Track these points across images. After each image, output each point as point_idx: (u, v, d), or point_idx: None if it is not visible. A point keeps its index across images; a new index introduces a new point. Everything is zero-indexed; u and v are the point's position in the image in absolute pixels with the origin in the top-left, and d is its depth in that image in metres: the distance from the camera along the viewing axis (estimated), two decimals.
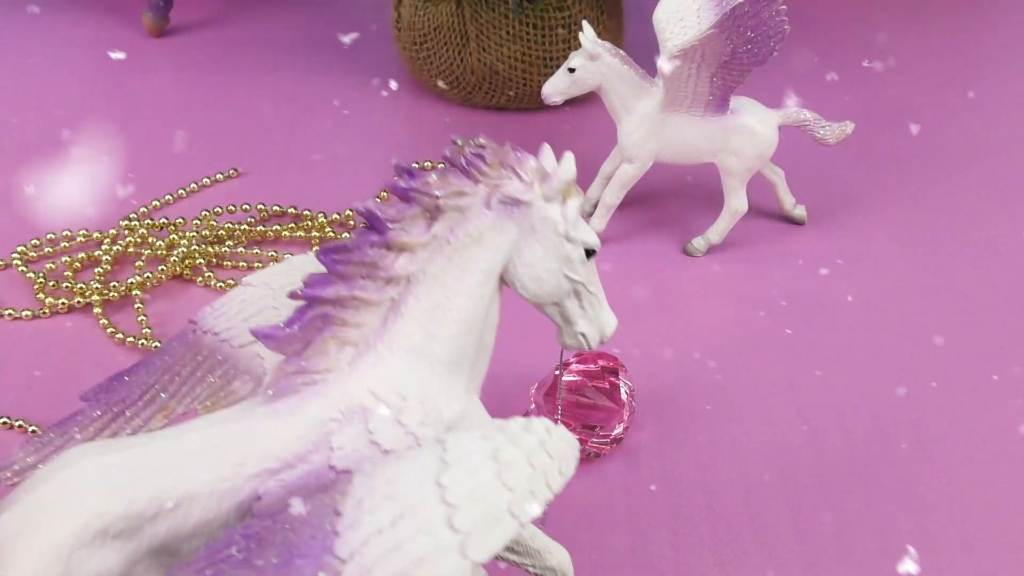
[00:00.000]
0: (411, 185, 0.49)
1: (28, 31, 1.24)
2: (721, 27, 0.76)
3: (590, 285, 0.53)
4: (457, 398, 0.50)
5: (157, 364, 0.56)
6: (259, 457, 0.46)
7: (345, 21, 1.29)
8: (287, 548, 0.39)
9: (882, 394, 0.78)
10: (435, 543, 0.38)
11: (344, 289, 0.48)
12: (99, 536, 0.42)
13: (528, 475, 0.41)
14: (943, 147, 1.06)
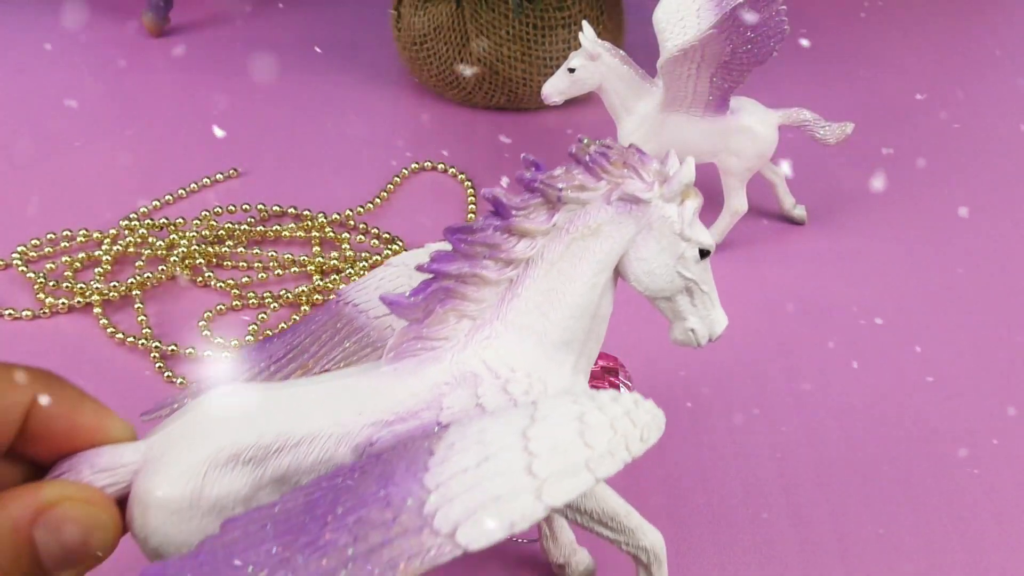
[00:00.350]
0: (536, 177, 0.52)
1: (27, 31, 1.24)
2: (721, 27, 0.76)
3: (703, 284, 0.55)
4: (563, 376, 0.53)
5: (302, 329, 0.63)
6: (376, 409, 0.50)
7: (345, 21, 1.29)
8: (384, 478, 0.43)
9: (882, 393, 0.78)
10: (512, 485, 0.41)
11: (466, 266, 0.52)
12: (231, 461, 0.48)
13: (609, 437, 0.43)
14: (943, 147, 1.06)
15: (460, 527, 0.40)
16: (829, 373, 0.79)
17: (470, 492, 0.41)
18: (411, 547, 0.40)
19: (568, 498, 0.41)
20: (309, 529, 0.42)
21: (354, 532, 0.41)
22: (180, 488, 0.47)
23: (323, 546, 0.41)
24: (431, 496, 0.41)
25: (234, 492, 0.48)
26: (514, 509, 0.41)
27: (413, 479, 0.42)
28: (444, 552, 0.40)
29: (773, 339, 0.83)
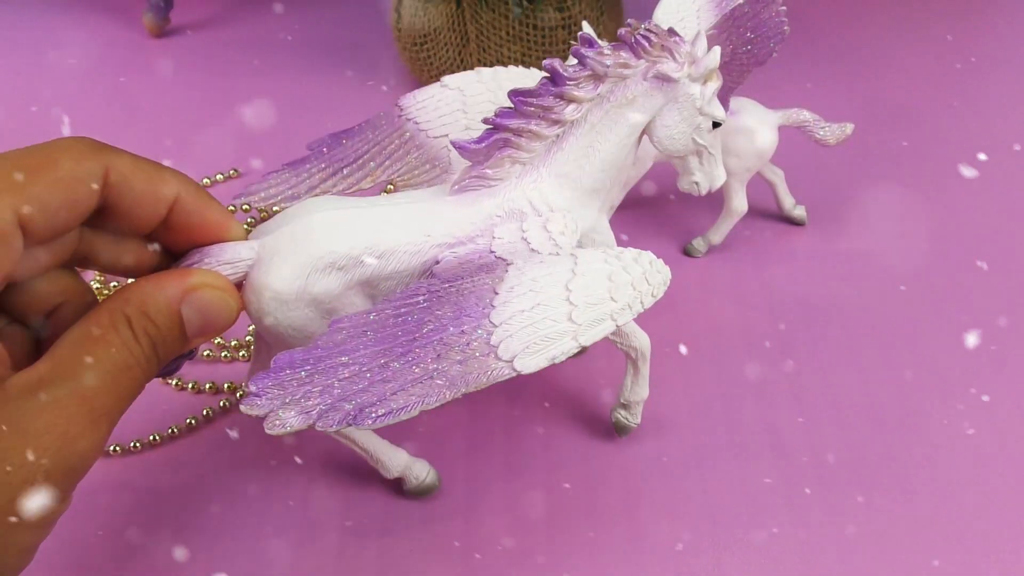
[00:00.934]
0: (588, 54, 0.61)
1: (27, 32, 1.24)
2: (720, 28, 0.75)
3: (712, 148, 0.67)
4: (591, 216, 0.66)
5: (369, 136, 0.73)
6: (441, 232, 0.62)
7: (345, 21, 1.29)
8: (458, 307, 0.55)
9: (881, 392, 0.78)
10: (558, 328, 0.54)
11: (523, 123, 0.62)
12: (328, 266, 0.60)
13: (630, 295, 0.56)
14: (944, 148, 1.06)
15: (517, 357, 0.53)
16: (828, 372, 0.79)
17: (526, 330, 0.54)
18: (480, 367, 0.53)
19: (596, 339, 0.54)
20: (401, 341, 0.54)
21: (438, 350, 0.53)
22: (289, 284, 0.59)
23: (413, 358, 0.53)
24: (496, 330, 0.54)
25: (330, 290, 0.60)
26: (557, 347, 0.54)
27: (483, 314, 0.54)
28: (504, 373, 0.53)
29: (774, 338, 0.83)
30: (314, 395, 0.52)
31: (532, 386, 0.79)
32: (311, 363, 0.53)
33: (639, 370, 0.71)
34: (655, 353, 0.81)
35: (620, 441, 0.74)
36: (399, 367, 0.53)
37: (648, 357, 0.71)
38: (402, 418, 0.51)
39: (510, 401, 0.78)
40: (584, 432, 0.75)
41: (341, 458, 0.73)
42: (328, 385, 0.52)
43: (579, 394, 0.78)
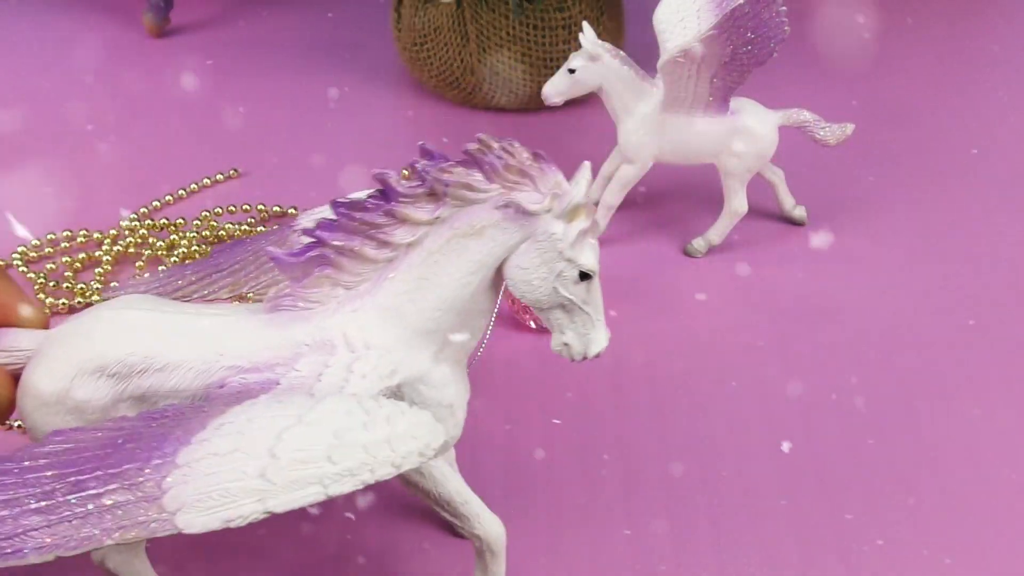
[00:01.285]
0: (426, 168, 0.53)
1: (28, 31, 1.24)
2: (721, 28, 0.76)
3: (585, 304, 0.56)
4: (420, 363, 0.55)
5: (255, 244, 0.66)
6: (235, 354, 0.54)
7: (345, 21, 1.29)
8: (161, 438, 0.47)
9: (880, 392, 0.78)
10: (243, 484, 0.45)
11: (346, 240, 0.54)
12: (97, 371, 0.53)
13: (358, 459, 0.46)
14: (944, 148, 1.06)
15: (182, 510, 0.44)
16: (828, 372, 0.79)
17: (206, 479, 0.45)
18: (140, 514, 0.44)
19: (292, 507, 0.45)
20: (86, 468, 0.46)
21: (107, 484, 0.45)
22: (50, 385, 0.53)
23: (80, 488, 0.45)
24: (175, 472, 0.45)
25: (96, 399, 0.53)
26: (236, 508, 0.44)
27: (175, 448, 0.46)
28: (163, 528, 0.44)
29: (773, 339, 0.83)
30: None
31: None
32: (4, 475, 0.46)
33: (487, 567, 0.60)
34: (654, 355, 0.81)
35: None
36: (60, 498, 0.45)
37: (501, 551, 0.59)
38: (30, 560, 0.43)
39: None
40: None
41: None
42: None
43: None
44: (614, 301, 0.86)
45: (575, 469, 0.72)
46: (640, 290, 0.87)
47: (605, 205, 0.90)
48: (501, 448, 0.74)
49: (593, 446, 0.74)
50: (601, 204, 0.90)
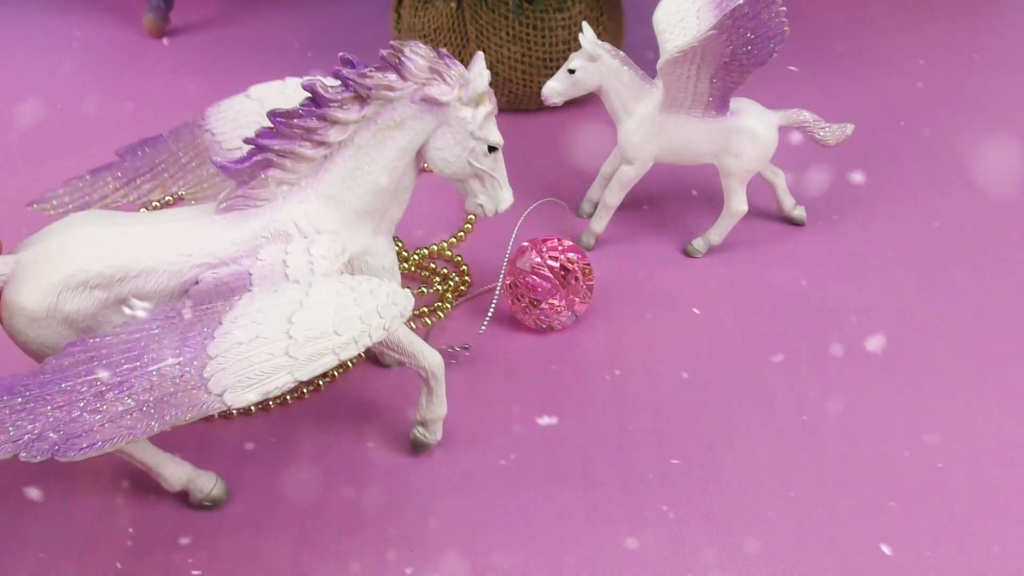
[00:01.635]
0: (349, 75, 0.62)
1: (28, 32, 1.24)
2: (721, 28, 0.76)
3: (493, 172, 0.67)
4: (362, 239, 0.66)
5: (168, 146, 0.72)
6: (203, 252, 0.62)
7: (345, 21, 1.29)
8: (183, 336, 0.55)
9: (880, 392, 0.78)
10: (274, 362, 0.54)
11: (285, 144, 0.62)
12: (81, 285, 0.59)
13: (357, 329, 0.56)
14: (943, 148, 1.06)
15: (228, 391, 0.53)
16: (829, 373, 0.79)
17: (240, 363, 0.53)
18: (190, 400, 0.52)
19: (315, 374, 0.54)
20: (122, 370, 0.53)
21: (152, 381, 0.53)
22: (39, 302, 0.59)
23: (127, 388, 0.52)
24: (211, 362, 0.53)
25: (83, 310, 0.60)
26: (272, 382, 0.53)
27: (201, 345, 0.54)
28: (214, 407, 0.52)
29: (773, 339, 0.83)
30: (25, 423, 0.51)
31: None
32: (32, 389, 0.53)
33: (432, 389, 0.69)
34: (653, 355, 0.81)
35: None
36: (113, 397, 0.52)
37: (441, 376, 0.69)
38: (106, 450, 0.51)
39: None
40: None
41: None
42: (41, 413, 0.52)
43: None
44: (615, 301, 0.86)
45: (574, 467, 0.72)
46: (640, 290, 0.87)
47: (605, 205, 0.90)
48: (500, 447, 0.74)
49: (592, 444, 0.74)
50: (601, 204, 0.90)
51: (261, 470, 0.72)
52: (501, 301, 0.83)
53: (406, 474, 0.71)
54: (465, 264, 0.89)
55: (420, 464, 0.72)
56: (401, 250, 0.91)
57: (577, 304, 0.82)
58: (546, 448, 0.74)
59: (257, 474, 0.72)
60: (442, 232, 0.94)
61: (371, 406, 0.77)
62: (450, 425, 0.75)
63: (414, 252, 0.91)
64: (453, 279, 0.87)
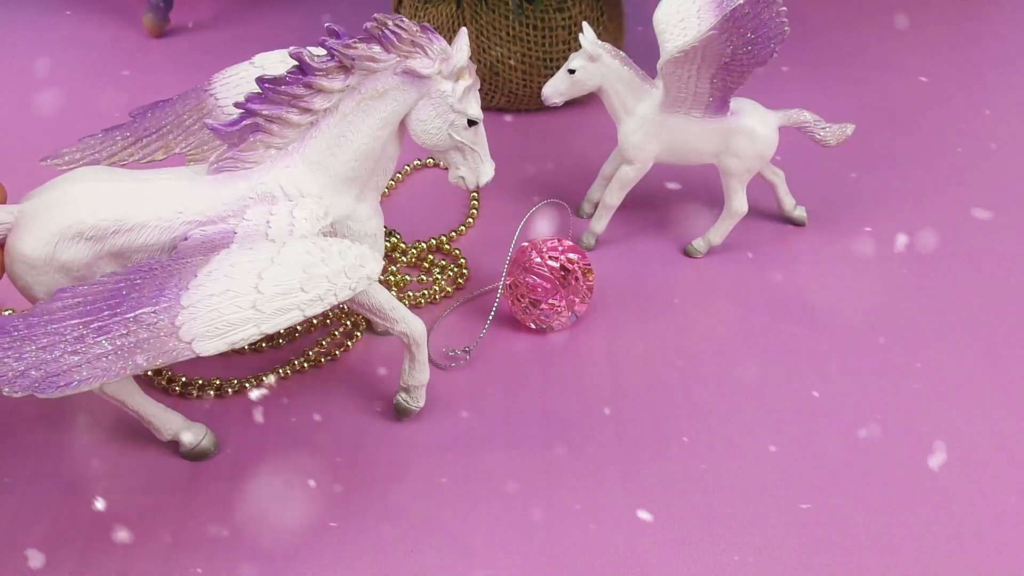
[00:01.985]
0: (334, 45, 0.64)
1: (29, 32, 1.24)
2: (721, 28, 0.75)
3: (474, 145, 0.69)
4: (345, 204, 0.69)
5: (175, 108, 0.75)
6: (193, 210, 0.65)
7: (345, 21, 1.29)
8: (160, 286, 0.58)
9: (880, 396, 0.78)
10: (241, 315, 0.57)
11: (273, 110, 0.65)
12: (77, 235, 0.63)
13: (324, 287, 0.59)
14: (944, 149, 1.06)
15: (197, 339, 0.56)
16: (828, 374, 0.79)
17: (210, 314, 0.56)
18: (161, 346, 0.55)
19: (279, 328, 0.57)
20: (104, 315, 0.56)
21: (129, 327, 0.56)
22: (38, 250, 0.63)
23: (105, 332, 0.56)
24: (183, 312, 0.56)
25: (78, 259, 0.63)
26: (239, 333, 0.56)
27: (176, 295, 0.57)
28: (184, 354, 0.55)
29: (773, 339, 0.83)
30: (10, 361, 0.55)
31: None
32: (19, 330, 0.56)
33: (414, 356, 0.72)
34: (654, 355, 0.81)
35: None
36: (92, 340, 0.55)
37: (423, 343, 0.71)
38: (82, 389, 0.54)
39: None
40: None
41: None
42: (27, 352, 0.55)
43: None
44: (615, 301, 0.86)
45: (575, 466, 0.72)
46: (641, 290, 0.87)
47: (605, 205, 0.90)
48: (501, 445, 0.74)
49: (593, 444, 0.74)
50: (601, 204, 0.90)
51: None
52: (501, 301, 0.83)
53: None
54: (464, 257, 0.89)
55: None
56: (399, 242, 0.91)
57: (577, 304, 0.82)
58: (546, 445, 0.74)
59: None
60: (443, 228, 0.94)
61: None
62: (450, 425, 0.75)
63: (412, 245, 0.91)
64: (452, 270, 0.88)
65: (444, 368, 0.80)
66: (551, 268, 0.80)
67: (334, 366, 0.81)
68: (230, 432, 0.75)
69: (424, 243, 0.91)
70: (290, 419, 0.76)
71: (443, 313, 0.85)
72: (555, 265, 0.80)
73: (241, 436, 0.75)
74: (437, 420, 0.76)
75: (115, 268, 0.64)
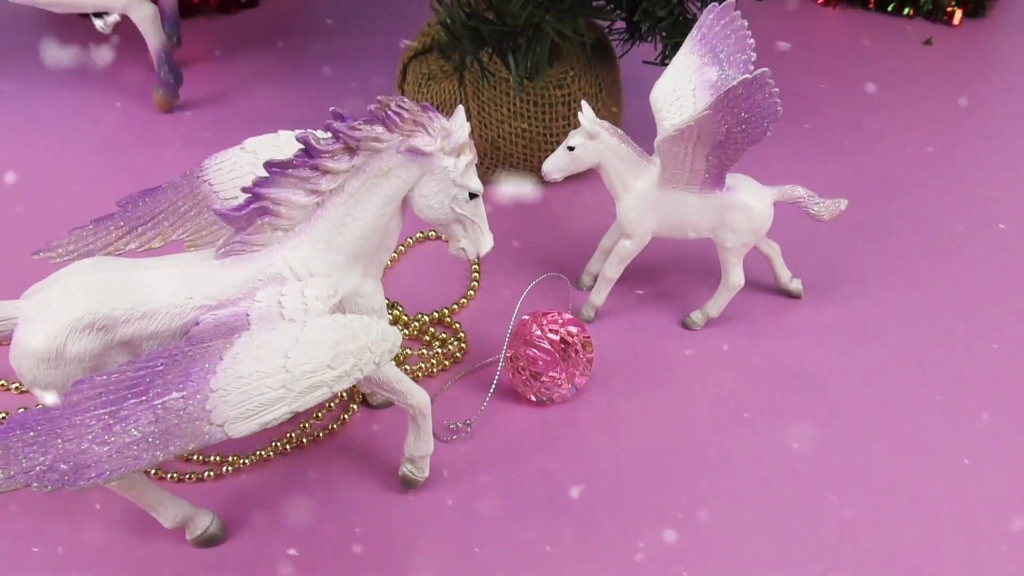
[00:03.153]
0: (339, 128, 0.66)
1: (43, 106, 1.27)
2: (716, 108, 0.77)
3: (474, 217, 0.71)
4: (352, 281, 0.70)
5: (168, 195, 0.75)
6: (203, 295, 0.65)
7: (350, 98, 1.31)
8: (186, 371, 0.58)
9: (879, 465, 0.78)
10: (272, 395, 0.57)
11: (280, 193, 0.66)
12: (87, 327, 0.63)
13: (350, 363, 0.59)
14: (939, 222, 1.07)
15: (229, 422, 0.56)
16: (826, 445, 0.80)
17: (241, 396, 0.57)
18: (194, 431, 0.55)
19: (310, 405, 0.58)
20: (129, 404, 0.56)
21: (158, 413, 0.56)
22: (47, 344, 0.62)
23: (134, 421, 0.55)
24: (213, 396, 0.57)
25: (89, 350, 0.63)
26: (271, 413, 0.57)
27: (204, 379, 0.57)
28: (217, 437, 0.56)
29: (770, 411, 0.83)
30: (37, 455, 0.55)
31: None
32: (42, 424, 0.56)
33: (420, 426, 0.73)
34: (653, 426, 0.81)
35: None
36: (120, 429, 0.55)
37: (428, 414, 0.72)
38: (113, 480, 0.55)
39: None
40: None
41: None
42: (52, 446, 0.55)
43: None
44: (615, 373, 0.87)
45: (575, 537, 0.72)
46: (639, 362, 0.88)
47: (604, 278, 0.91)
48: (502, 517, 0.74)
49: (593, 517, 0.74)
50: (600, 277, 0.91)
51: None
52: (502, 373, 0.84)
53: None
54: (463, 332, 0.90)
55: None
56: (402, 315, 0.92)
57: (577, 377, 0.83)
58: (547, 520, 0.74)
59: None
60: (444, 300, 0.95)
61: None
62: (456, 496, 0.75)
63: (415, 318, 0.92)
64: (451, 343, 0.89)
65: (446, 441, 0.81)
66: (551, 341, 0.81)
67: (333, 439, 0.81)
68: (234, 514, 0.75)
69: (426, 316, 0.92)
70: (294, 495, 0.76)
71: (445, 385, 0.86)
72: (555, 338, 0.81)
73: (245, 517, 0.75)
74: (442, 491, 0.76)
75: (125, 357, 0.64)
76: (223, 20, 1.46)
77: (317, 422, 0.82)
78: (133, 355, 0.64)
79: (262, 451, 0.79)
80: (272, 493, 0.76)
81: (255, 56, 1.38)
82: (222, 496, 0.76)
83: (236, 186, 0.72)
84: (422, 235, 1.04)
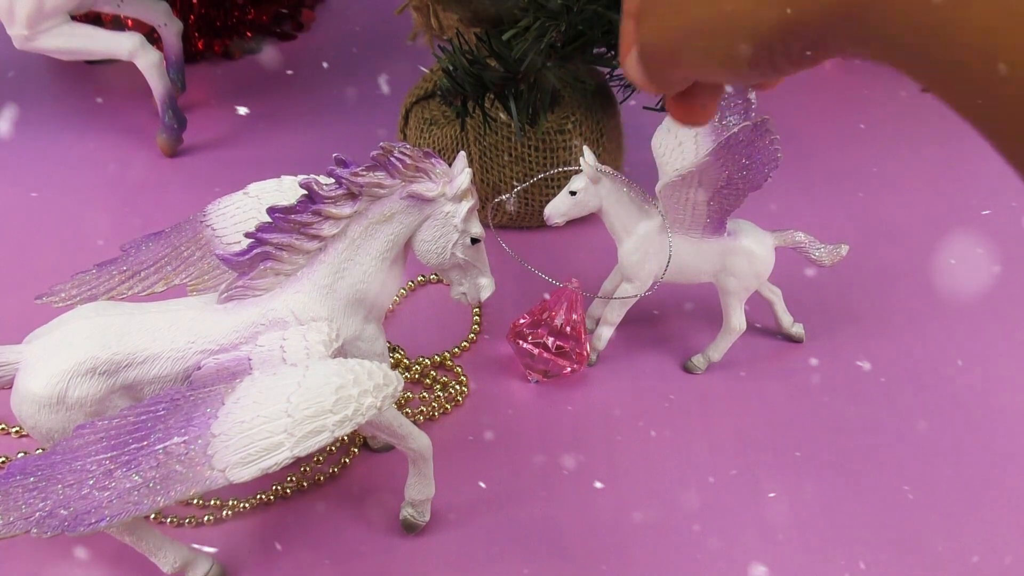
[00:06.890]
0: (342, 174, 0.66)
1: (48, 151, 1.28)
2: (717, 155, 0.78)
3: (475, 262, 0.72)
4: (354, 324, 0.70)
5: (171, 240, 0.76)
6: (205, 339, 0.65)
7: (352, 143, 1.32)
8: (188, 416, 0.58)
9: (881, 508, 0.78)
10: (271, 440, 0.57)
11: (283, 238, 0.67)
12: (90, 371, 0.63)
13: (352, 408, 0.58)
14: (939, 266, 1.07)
15: (230, 467, 0.56)
16: (827, 489, 0.80)
17: (242, 440, 0.56)
18: (195, 476, 0.55)
19: (312, 450, 0.57)
20: (130, 449, 0.56)
21: (159, 459, 0.56)
22: (49, 388, 0.62)
23: (135, 466, 0.55)
24: (214, 440, 0.56)
25: (91, 394, 0.63)
26: (272, 458, 0.56)
27: (206, 423, 0.57)
28: (218, 482, 0.55)
29: (773, 455, 0.83)
30: (36, 501, 0.54)
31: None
32: (43, 469, 0.56)
33: (421, 470, 0.73)
34: (656, 471, 0.81)
35: None
36: (121, 475, 0.55)
37: (429, 457, 0.72)
38: (114, 525, 0.54)
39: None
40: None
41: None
42: (52, 491, 0.55)
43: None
44: (615, 417, 0.87)
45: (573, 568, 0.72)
46: (641, 406, 0.88)
47: (606, 322, 0.91)
48: (501, 564, 0.73)
49: (595, 562, 0.74)
50: (602, 321, 0.92)
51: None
52: (505, 348, 0.89)
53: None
54: (464, 375, 0.90)
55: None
56: (403, 358, 0.92)
57: (571, 365, 0.88)
58: (548, 559, 0.73)
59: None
60: (445, 344, 0.95)
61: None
62: (456, 538, 0.75)
63: (416, 361, 0.92)
64: (452, 387, 0.89)
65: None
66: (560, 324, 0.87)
67: (335, 482, 0.81)
68: (234, 558, 0.74)
69: (427, 359, 0.92)
70: (294, 539, 0.76)
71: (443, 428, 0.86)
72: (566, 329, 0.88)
73: (245, 561, 0.74)
74: (443, 535, 0.76)
75: (127, 402, 0.64)
76: (227, 66, 1.47)
77: (318, 465, 0.82)
78: (135, 400, 0.64)
79: (262, 495, 0.79)
80: (272, 537, 0.76)
81: (259, 101, 1.39)
82: (222, 540, 0.76)
83: (239, 231, 0.72)
84: (423, 278, 1.04)
